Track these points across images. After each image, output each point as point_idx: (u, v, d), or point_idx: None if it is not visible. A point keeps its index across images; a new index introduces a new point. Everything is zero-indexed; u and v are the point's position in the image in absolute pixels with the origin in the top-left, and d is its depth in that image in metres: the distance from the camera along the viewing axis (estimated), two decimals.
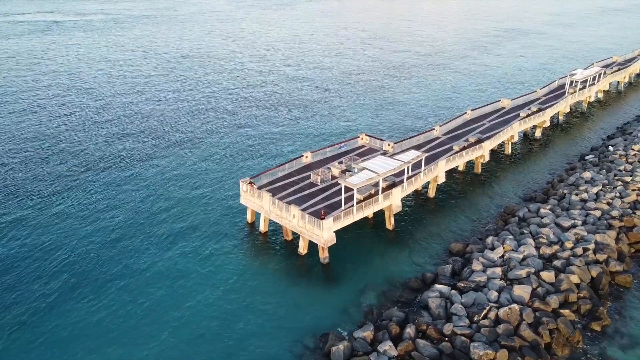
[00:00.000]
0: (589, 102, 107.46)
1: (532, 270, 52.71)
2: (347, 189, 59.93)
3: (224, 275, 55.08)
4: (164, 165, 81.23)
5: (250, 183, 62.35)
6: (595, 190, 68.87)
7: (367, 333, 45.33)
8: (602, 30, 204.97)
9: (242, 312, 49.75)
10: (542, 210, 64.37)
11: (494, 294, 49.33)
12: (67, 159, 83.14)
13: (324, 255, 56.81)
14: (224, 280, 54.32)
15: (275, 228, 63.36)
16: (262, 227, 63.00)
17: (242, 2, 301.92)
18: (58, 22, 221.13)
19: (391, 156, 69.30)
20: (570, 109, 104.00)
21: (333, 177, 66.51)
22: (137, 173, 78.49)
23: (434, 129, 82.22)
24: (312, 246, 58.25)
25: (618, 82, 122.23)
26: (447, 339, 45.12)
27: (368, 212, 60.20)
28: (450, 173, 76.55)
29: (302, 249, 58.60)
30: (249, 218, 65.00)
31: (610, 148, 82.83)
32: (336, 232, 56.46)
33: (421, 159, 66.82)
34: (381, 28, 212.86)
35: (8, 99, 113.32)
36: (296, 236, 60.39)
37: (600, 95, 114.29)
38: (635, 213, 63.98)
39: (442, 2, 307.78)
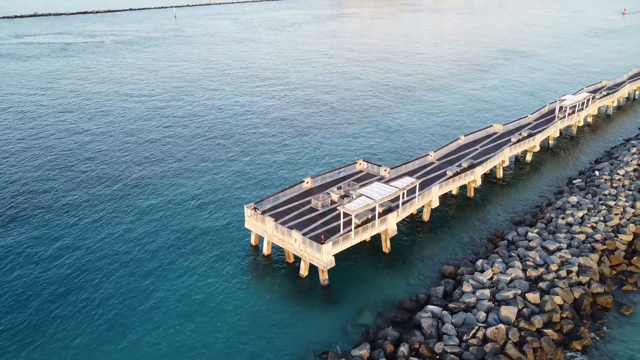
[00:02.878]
0: (578, 127, 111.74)
1: (519, 291, 56.28)
2: (346, 215, 63.77)
3: (227, 295, 58.63)
4: (171, 189, 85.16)
5: (255, 208, 66.24)
6: (580, 214, 72.69)
7: (363, 351, 48.81)
8: (595, 52, 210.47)
9: (244, 330, 53.25)
10: (530, 234, 68.13)
11: (482, 315, 52.88)
12: (76, 183, 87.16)
13: (323, 277, 60.45)
14: (228, 300, 57.85)
15: (278, 251, 67.07)
16: (266, 250, 66.75)
17: (248, 24, 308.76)
18: (70, 44, 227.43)
19: (387, 182, 73.39)
20: (560, 133, 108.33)
21: (332, 202, 70.40)
22: (144, 195, 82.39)
23: (428, 154, 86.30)
24: (313, 269, 61.94)
25: (607, 106, 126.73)
26: (438, 357, 48.53)
27: (365, 236, 63.98)
28: (444, 197, 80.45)
29: (303, 271, 62.26)
30: (252, 241, 68.77)
31: (597, 172, 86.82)
32: (335, 255, 60.23)
33: (415, 185, 70.78)
34: (378, 50, 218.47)
35: (24, 121, 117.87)
36: (298, 259, 64.06)
37: (590, 120, 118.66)
38: (617, 236, 67.77)
39: (439, 23, 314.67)
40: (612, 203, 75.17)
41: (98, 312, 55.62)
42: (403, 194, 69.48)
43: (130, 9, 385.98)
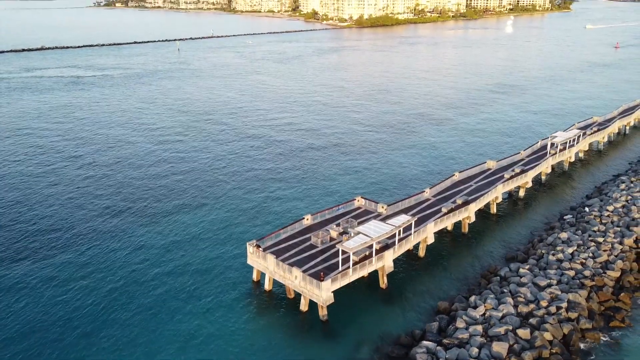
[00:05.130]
0: (570, 162, 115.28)
1: (510, 327, 58.67)
2: (344, 252, 66.59)
3: (230, 330, 61.12)
4: (174, 224, 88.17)
5: (257, 246, 69.16)
6: (570, 250, 75.42)
7: None
8: (589, 86, 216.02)
9: None
10: (521, 270, 70.78)
11: (474, 350, 55.15)
12: (77, 217, 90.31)
13: (323, 313, 62.97)
14: (229, 334, 60.34)
15: (279, 287, 69.61)
16: (267, 285, 69.40)
17: (252, 56, 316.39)
18: (80, 78, 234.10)
19: (384, 219, 76.48)
20: (553, 169, 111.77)
21: (332, 239, 73.30)
22: (147, 230, 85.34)
23: (424, 191, 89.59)
24: (313, 304, 64.42)
25: (598, 141, 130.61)
26: None
27: (363, 273, 66.72)
28: (439, 233, 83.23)
29: (303, 306, 64.79)
30: (254, 277, 71.46)
31: (587, 209, 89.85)
32: (334, 291, 62.81)
33: (411, 223, 73.78)
34: (377, 84, 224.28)
35: (37, 154, 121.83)
36: (298, 295, 66.54)
37: (582, 155, 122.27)
38: (605, 273, 70.40)
39: (436, 57, 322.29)
40: (600, 239, 77.97)
41: (98, 339, 58.03)
42: (399, 231, 72.40)
43: (135, 42, 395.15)
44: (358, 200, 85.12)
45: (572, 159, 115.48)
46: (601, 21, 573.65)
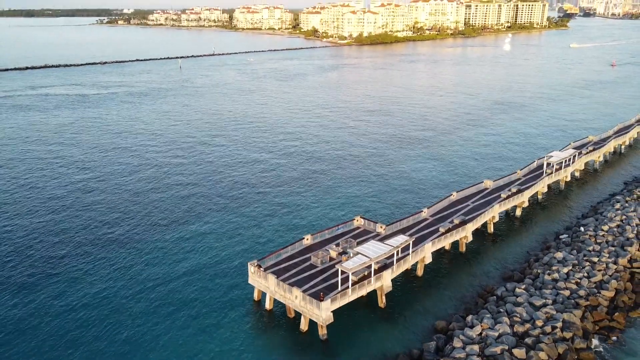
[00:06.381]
0: (566, 182, 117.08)
1: (506, 347, 59.89)
2: (343, 272, 68.06)
3: (231, 349, 62.33)
4: (176, 241, 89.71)
5: (258, 266, 70.65)
6: (565, 270, 76.79)
7: None
8: (585, 104, 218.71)
9: None
10: (517, 290, 72.11)
11: None
12: (74, 242, 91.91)
13: (322, 332, 64.25)
14: (231, 353, 61.52)
15: (279, 306, 70.93)
16: (268, 305, 70.73)
17: (253, 74, 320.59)
18: (86, 96, 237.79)
19: (382, 239, 78.02)
20: (549, 188, 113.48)
21: (331, 259, 74.79)
22: (149, 248, 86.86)
23: (422, 210, 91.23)
24: (312, 324, 65.70)
25: (594, 160, 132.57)
26: None
27: (362, 292, 68.08)
28: (437, 252, 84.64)
29: (303, 326, 66.06)
30: (255, 296, 72.80)
31: (582, 228, 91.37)
32: (333, 311, 64.13)
33: (409, 243, 75.31)
34: (377, 101, 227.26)
35: (46, 175, 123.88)
36: (298, 314, 67.84)
37: (577, 174, 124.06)
38: (600, 292, 71.72)
39: (436, 74, 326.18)
40: (595, 259, 79.38)
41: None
42: (398, 251, 73.91)
43: (137, 60, 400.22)
44: (357, 220, 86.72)
45: (568, 179, 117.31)
46: (592, 39, 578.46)
